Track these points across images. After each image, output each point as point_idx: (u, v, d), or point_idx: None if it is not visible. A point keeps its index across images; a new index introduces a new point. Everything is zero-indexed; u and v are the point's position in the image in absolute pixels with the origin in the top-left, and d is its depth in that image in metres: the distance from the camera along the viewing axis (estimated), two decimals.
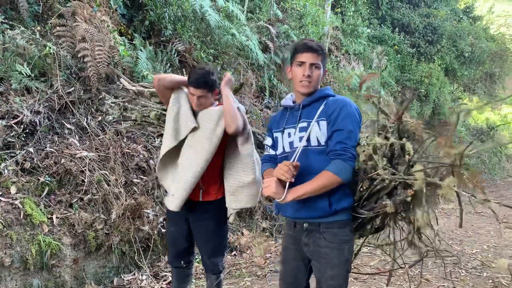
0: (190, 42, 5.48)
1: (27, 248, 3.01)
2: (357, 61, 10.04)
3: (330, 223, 2.01)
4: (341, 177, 1.90)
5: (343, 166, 1.90)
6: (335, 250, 2.00)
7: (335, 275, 2.01)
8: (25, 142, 3.46)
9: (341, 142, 1.93)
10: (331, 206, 1.98)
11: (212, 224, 2.68)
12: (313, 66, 2.03)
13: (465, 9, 16.96)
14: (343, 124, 1.95)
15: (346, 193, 2.02)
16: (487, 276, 4.31)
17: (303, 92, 2.08)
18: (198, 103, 2.60)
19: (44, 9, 4.22)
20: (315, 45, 2.04)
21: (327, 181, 1.91)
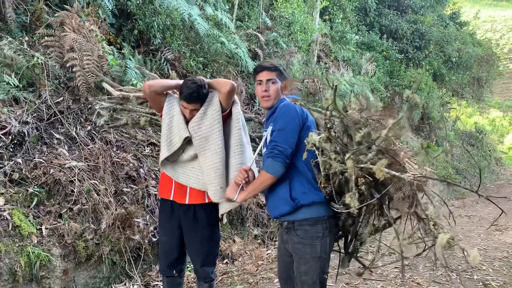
0: (179, 50, 5.51)
1: (16, 260, 2.98)
2: (346, 68, 10.11)
3: (302, 220, 2.19)
4: (270, 173, 2.14)
5: (271, 163, 2.14)
6: (307, 246, 2.17)
7: (308, 270, 2.16)
8: (13, 153, 3.44)
9: (272, 141, 2.18)
10: (294, 200, 2.17)
11: (205, 232, 2.68)
12: (269, 82, 2.30)
13: (452, 15, 17.19)
14: (276, 125, 2.19)
15: (313, 188, 2.17)
16: (477, 279, 4.35)
17: (265, 106, 2.35)
18: (191, 116, 2.61)
19: (32, 19, 4.22)
20: (268, 64, 2.34)
21: (262, 179, 2.18)
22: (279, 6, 8.45)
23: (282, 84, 2.33)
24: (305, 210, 2.17)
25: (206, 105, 2.61)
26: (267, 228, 5.46)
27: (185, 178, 2.66)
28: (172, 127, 2.64)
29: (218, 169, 2.57)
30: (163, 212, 2.80)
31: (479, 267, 4.76)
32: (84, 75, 4.05)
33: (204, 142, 2.59)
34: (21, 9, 4.18)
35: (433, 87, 13.45)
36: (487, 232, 6.92)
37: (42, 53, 3.99)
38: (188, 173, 2.66)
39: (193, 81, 2.58)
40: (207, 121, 2.59)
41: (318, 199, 2.16)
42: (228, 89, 2.57)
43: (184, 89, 2.56)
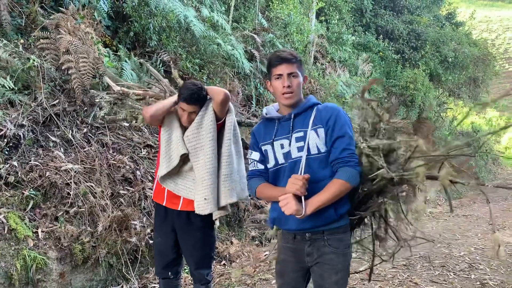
0: (175, 52, 5.50)
1: (11, 263, 2.97)
2: (342, 68, 10.14)
3: (335, 229, 2.02)
4: (352, 183, 1.93)
5: (352, 172, 1.93)
6: (341, 256, 2.01)
7: (339, 280, 2.01)
8: (9, 156, 3.43)
9: (346, 149, 1.95)
10: (336, 211, 1.99)
11: (198, 235, 2.67)
12: (291, 76, 2.02)
13: (448, 15, 17.28)
14: (343, 131, 1.97)
15: (346, 197, 2.05)
16: (475, 278, 4.35)
17: (288, 103, 2.05)
18: (188, 120, 2.59)
19: (27, 22, 4.21)
20: (288, 55, 2.03)
21: (341, 189, 1.92)
22: (275, 8, 8.46)
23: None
24: (339, 219, 2.03)
25: (202, 113, 2.59)
26: (264, 230, 5.46)
27: (186, 191, 2.65)
28: (171, 143, 2.63)
29: (205, 180, 2.56)
30: (157, 215, 2.81)
31: (476, 266, 4.77)
32: (80, 77, 4.04)
33: (197, 152, 2.60)
34: (16, 11, 4.17)
35: (430, 87, 13.50)
36: (484, 231, 6.93)
37: (37, 55, 3.97)
38: (190, 185, 2.65)
39: (193, 83, 2.59)
40: (203, 131, 2.58)
41: (349, 208, 2.06)
42: (221, 98, 2.53)
43: (184, 91, 2.55)
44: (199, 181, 2.59)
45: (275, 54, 2.08)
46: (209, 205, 2.57)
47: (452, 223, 7.73)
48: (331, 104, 2.08)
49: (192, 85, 2.56)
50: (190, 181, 2.65)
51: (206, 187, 2.57)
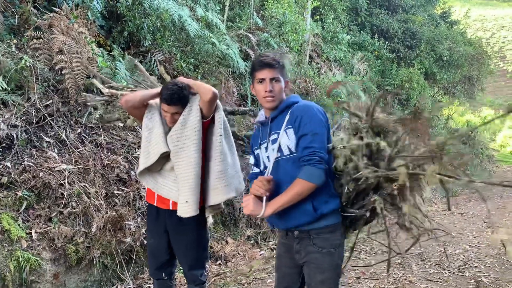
0: (170, 52, 5.49)
1: (5, 264, 2.95)
2: (338, 67, 10.16)
3: (320, 228, 2.03)
4: (313, 182, 1.92)
5: (312, 171, 1.92)
6: (326, 255, 2.03)
7: (325, 279, 2.03)
8: (2, 157, 3.41)
9: (307, 147, 1.96)
10: (316, 210, 2.00)
11: (191, 235, 2.64)
12: (273, 81, 2.09)
13: (442, 14, 17.33)
14: (306, 128, 1.99)
15: (332, 195, 2.04)
16: (469, 276, 4.37)
17: (269, 107, 2.13)
18: (171, 120, 2.55)
19: (20, 21, 4.19)
20: (271, 60, 2.09)
21: (301, 189, 1.93)
22: (270, 7, 8.46)
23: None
24: (324, 218, 2.03)
25: (187, 112, 2.54)
26: (260, 229, 5.46)
27: (166, 190, 2.61)
28: (151, 139, 2.58)
29: (188, 182, 2.51)
30: (150, 215, 2.79)
31: (471, 264, 4.79)
32: (74, 77, 4.02)
33: (179, 153, 2.54)
34: (9, 11, 4.14)
35: (425, 86, 13.55)
36: (479, 229, 6.96)
37: (30, 55, 3.95)
38: (170, 185, 2.61)
39: (174, 83, 2.54)
40: (187, 131, 2.53)
41: (337, 207, 2.05)
42: (209, 97, 2.47)
43: (165, 91, 2.50)
44: (182, 183, 2.53)
45: (258, 59, 2.15)
46: (189, 208, 2.51)
47: (447, 221, 7.76)
48: (303, 103, 2.11)
49: (173, 85, 2.51)
50: (170, 180, 2.60)
51: (188, 190, 2.51)
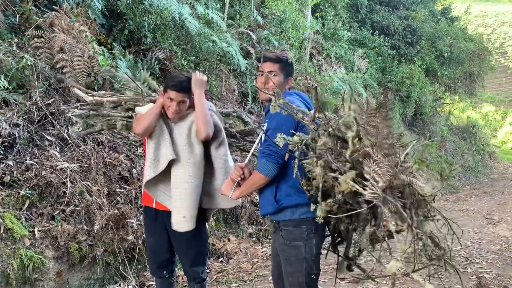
0: (170, 50, 5.49)
1: (8, 263, 2.96)
2: (338, 64, 10.15)
3: (285, 221, 2.16)
4: (263, 173, 2.09)
5: (263, 164, 2.08)
6: (291, 248, 2.14)
7: (293, 272, 2.14)
8: (4, 155, 3.42)
9: (265, 140, 2.13)
10: (278, 202, 2.13)
11: (191, 233, 2.61)
12: (271, 74, 2.22)
13: (443, 11, 17.28)
14: (271, 124, 2.14)
15: (297, 190, 2.09)
16: (471, 272, 4.38)
17: (262, 98, 2.31)
18: (176, 110, 2.52)
19: (21, 20, 4.19)
20: (272, 55, 2.25)
21: (255, 179, 2.14)
22: (270, 4, 8.44)
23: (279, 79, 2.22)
24: (289, 211, 2.13)
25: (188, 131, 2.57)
26: (261, 226, 5.47)
27: (163, 197, 2.62)
28: (160, 147, 2.56)
29: (185, 196, 2.51)
30: (147, 217, 2.79)
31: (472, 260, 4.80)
32: (75, 76, 4.02)
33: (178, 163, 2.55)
34: (10, 10, 4.15)
35: (426, 82, 13.54)
36: (481, 225, 6.97)
37: (31, 54, 3.96)
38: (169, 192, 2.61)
39: (181, 73, 2.62)
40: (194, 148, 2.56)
41: (302, 202, 2.10)
42: (202, 137, 2.50)
43: (172, 79, 2.52)
44: (177, 197, 2.53)
45: (264, 53, 2.35)
46: (187, 223, 2.53)
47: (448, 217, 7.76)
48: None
49: (180, 75, 2.60)
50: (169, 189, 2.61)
51: (184, 206, 2.52)
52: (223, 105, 6.14)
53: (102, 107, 2.89)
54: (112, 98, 2.88)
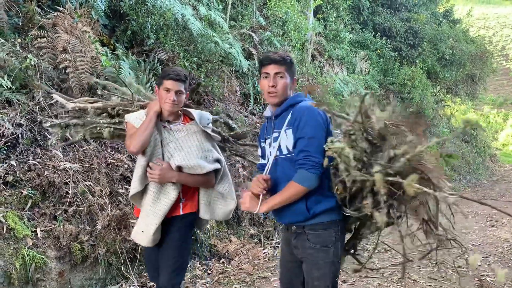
0: (173, 50, 5.50)
1: (10, 262, 2.96)
2: (340, 66, 10.15)
3: (313, 225, 2.08)
4: (304, 185, 1.98)
5: (305, 175, 1.98)
6: (320, 251, 2.07)
7: (321, 276, 2.06)
8: (7, 155, 3.42)
9: (302, 150, 2.00)
10: (309, 210, 2.05)
11: (176, 237, 2.53)
12: (277, 76, 2.13)
13: (445, 13, 17.29)
14: (303, 132, 2.02)
15: (325, 195, 2.07)
16: (473, 275, 4.37)
17: (271, 102, 2.18)
18: (174, 100, 2.42)
19: (24, 21, 4.20)
20: (277, 57, 2.14)
21: (294, 191, 2.01)
22: (272, 6, 8.46)
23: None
24: (318, 216, 2.08)
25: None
26: (263, 228, 5.47)
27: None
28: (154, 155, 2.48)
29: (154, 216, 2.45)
30: None
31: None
32: (78, 76, 4.03)
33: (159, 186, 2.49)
34: (13, 10, 4.16)
35: (427, 84, 13.53)
36: (482, 228, 6.96)
37: (35, 54, 3.97)
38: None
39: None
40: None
41: (331, 206, 2.07)
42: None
43: (167, 71, 2.46)
44: (145, 213, 2.47)
45: (266, 55, 2.23)
46: (144, 238, 2.48)
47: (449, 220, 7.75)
48: (304, 104, 2.12)
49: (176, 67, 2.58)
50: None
51: (149, 224, 2.45)
52: (225, 106, 6.14)
53: (85, 115, 2.73)
54: (97, 104, 2.73)
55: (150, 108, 2.50)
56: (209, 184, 2.58)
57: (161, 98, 2.46)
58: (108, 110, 2.74)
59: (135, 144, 2.36)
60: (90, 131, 2.73)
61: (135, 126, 2.45)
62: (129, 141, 2.41)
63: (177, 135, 2.53)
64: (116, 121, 2.72)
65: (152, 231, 2.43)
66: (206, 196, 2.62)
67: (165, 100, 2.44)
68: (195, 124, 2.57)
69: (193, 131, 2.56)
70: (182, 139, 2.52)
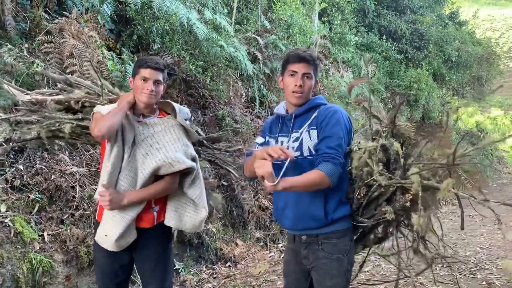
0: (178, 55, 5.52)
1: (18, 266, 2.98)
2: (346, 69, 10.14)
3: (328, 233, 2.00)
4: (331, 179, 1.86)
5: (335, 169, 1.87)
6: (334, 261, 1.99)
7: (334, 285, 2.00)
8: (15, 160, 3.45)
9: (332, 147, 1.91)
10: (327, 216, 1.97)
11: (158, 252, 2.31)
12: (305, 76, 2.02)
13: (451, 15, 17.24)
14: (333, 131, 1.94)
15: (343, 202, 2.02)
16: (481, 278, 4.33)
17: (295, 103, 2.06)
18: (152, 89, 2.18)
19: (32, 26, 4.24)
20: (307, 56, 2.03)
21: (318, 179, 1.85)
22: (277, 9, 8.48)
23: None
24: (333, 223, 2.00)
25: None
26: (269, 231, 5.46)
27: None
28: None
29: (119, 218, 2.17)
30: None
31: (482, 266, 4.75)
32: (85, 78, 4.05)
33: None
34: (21, 16, 4.20)
35: (433, 87, 13.49)
36: (490, 230, 6.90)
37: (42, 59, 4.00)
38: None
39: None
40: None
41: (346, 213, 2.02)
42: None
43: (144, 59, 2.23)
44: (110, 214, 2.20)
45: (295, 52, 2.07)
46: (107, 243, 2.21)
47: (457, 223, 7.70)
48: (332, 106, 2.06)
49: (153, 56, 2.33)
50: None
51: (112, 228, 2.18)
52: (231, 109, 6.15)
53: (43, 109, 2.36)
54: (58, 97, 2.39)
55: (123, 98, 2.24)
56: (171, 189, 2.26)
57: (137, 88, 2.19)
58: (71, 103, 2.38)
59: (100, 127, 2.04)
60: (47, 128, 2.35)
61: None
62: (94, 125, 2.11)
63: (153, 129, 2.26)
64: (79, 117, 2.38)
65: (115, 237, 2.15)
66: (174, 201, 2.33)
67: (141, 90, 2.18)
68: (171, 118, 2.34)
69: (171, 125, 2.31)
70: (158, 134, 2.25)
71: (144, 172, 2.18)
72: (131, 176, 2.19)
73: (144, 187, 2.20)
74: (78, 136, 2.45)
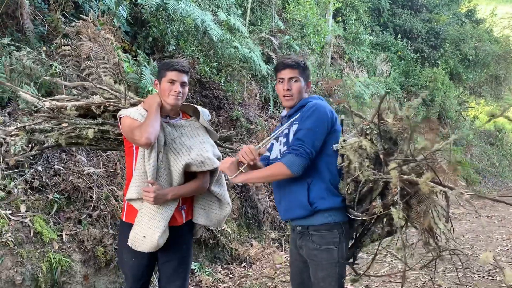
0: (193, 56, 5.55)
1: (37, 265, 3.03)
2: (360, 69, 10.06)
3: (318, 226, 2.11)
4: (290, 169, 2.02)
5: (294, 159, 2.02)
6: (324, 252, 2.10)
7: (326, 276, 2.10)
8: (34, 161, 3.51)
9: (298, 139, 2.07)
10: (312, 205, 2.09)
11: (184, 250, 2.40)
12: (292, 80, 2.21)
13: (467, 13, 16.97)
14: (304, 124, 2.09)
15: (331, 193, 2.11)
16: (500, 280, 4.26)
17: (287, 105, 2.26)
18: (179, 91, 2.25)
19: (49, 29, 4.31)
20: (290, 62, 2.22)
21: (276, 171, 2.07)
22: (291, 9, 8.46)
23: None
24: (322, 215, 2.10)
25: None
26: (284, 232, 5.45)
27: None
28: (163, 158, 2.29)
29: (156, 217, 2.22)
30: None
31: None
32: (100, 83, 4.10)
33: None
34: (39, 20, 4.27)
35: (450, 86, 13.29)
36: (509, 232, 6.77)
37: (59, 62, 4.07)
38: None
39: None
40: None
41: (336, 205, 2.10)
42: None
43: (170, 62, 2.30)
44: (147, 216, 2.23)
45: (280, 60, 2.31)
46: (147, 243, 2.21)
47: (475, 224, 7.57)
48: (313, 102, 2.20)
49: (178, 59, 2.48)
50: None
51: (153, 227, 2.21)
52: (245, 110, 6.17)
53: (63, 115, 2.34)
54: (78, 102, 2.36)
55: (151, 101, 2.28)
56: (204, 187, 2.37)
57: (164, 91, 2.26)
58: (92, 108, 2.37)
59: (148, 135, 2.09)
60: (67, 134, 2.35)
61: (139, 120, 2.21)
62: (138, 133, 2.11)
63: (180, 130, 2.35)
64: (99, 122, 2.39)
65: (158, 235, 2.19)
66: (200, 200, 2.43)
67: (169, 92, 2.25)
68: (195, 120, 2.45)
69: (196, 127, 2.42)
70: (187, 134, 2.35)
71: (177, 169, 2.27)
72: (166, 174, 2.28)
73: (179, 184, 2.30)
74: (96, 141, 2.49)
